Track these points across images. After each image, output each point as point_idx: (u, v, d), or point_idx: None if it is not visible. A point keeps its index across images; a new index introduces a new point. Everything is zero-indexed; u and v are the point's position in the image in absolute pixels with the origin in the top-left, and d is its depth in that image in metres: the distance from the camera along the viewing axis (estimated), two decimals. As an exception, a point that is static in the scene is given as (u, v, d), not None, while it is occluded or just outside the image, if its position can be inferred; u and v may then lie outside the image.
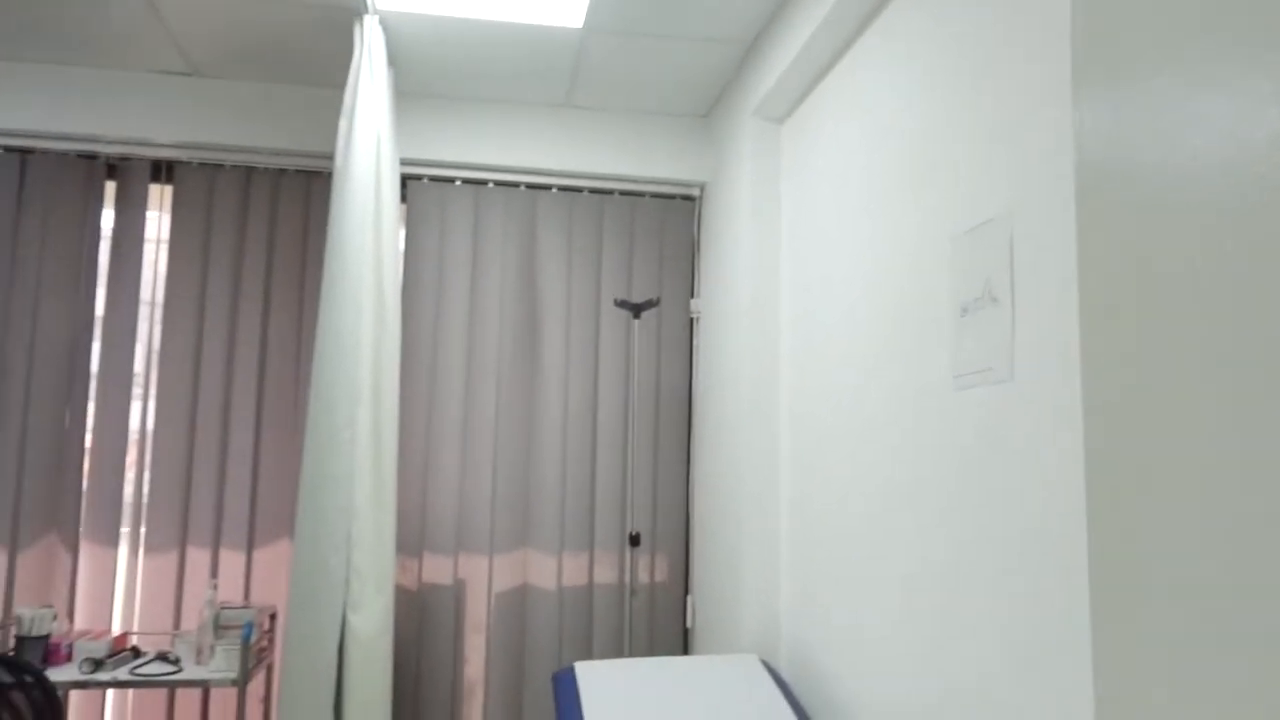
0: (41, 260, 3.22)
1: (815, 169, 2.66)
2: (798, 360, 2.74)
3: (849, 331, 2.36)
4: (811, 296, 2.64)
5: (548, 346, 3.46)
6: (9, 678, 1.95)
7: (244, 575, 3.21)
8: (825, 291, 2.54)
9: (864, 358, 2.26)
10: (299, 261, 3.36)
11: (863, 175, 2.32)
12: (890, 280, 2.14)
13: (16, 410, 3.15)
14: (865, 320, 2.27)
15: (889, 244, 2.16)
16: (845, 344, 2.38)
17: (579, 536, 3.41)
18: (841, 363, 2.40)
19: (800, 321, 2.73)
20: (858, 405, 2.28)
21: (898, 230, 2.11)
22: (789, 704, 2.32)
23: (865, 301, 2.27)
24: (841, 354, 2.40)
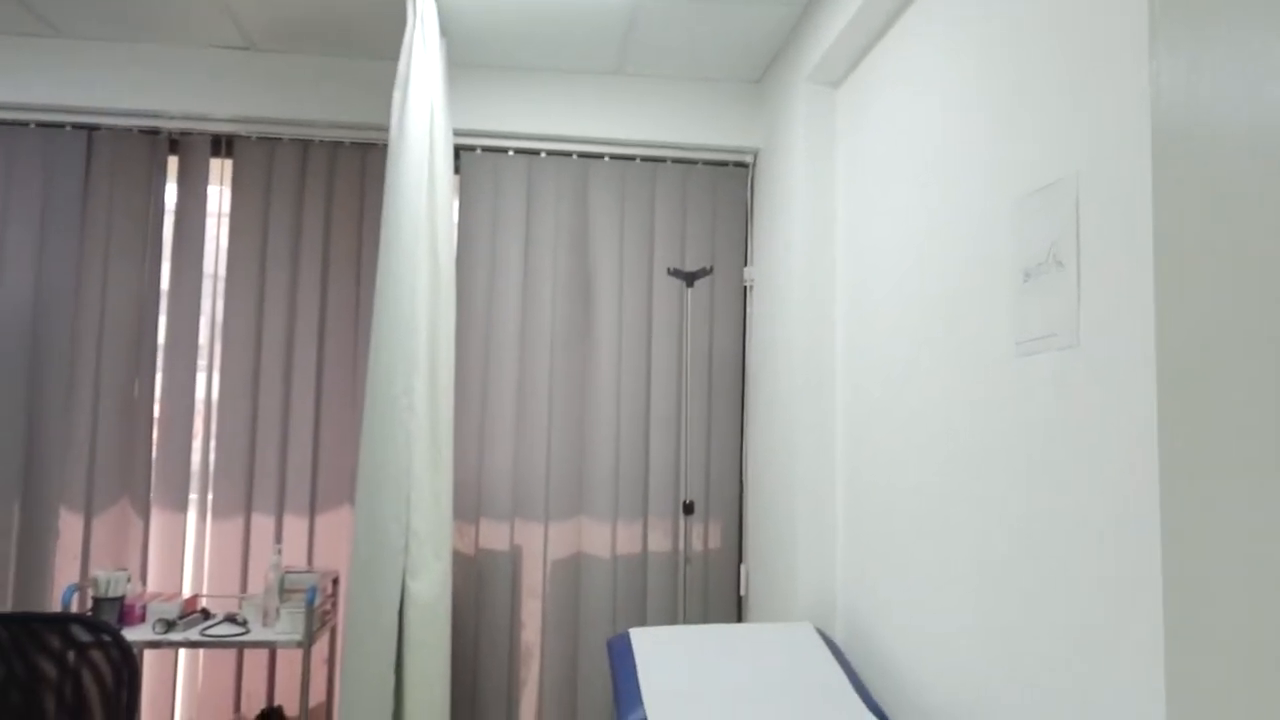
0: (109, 235, 3.30)
1: (871, 133, 2.60)
2: (853, 328, 2.70)
3: (905, 298, 2.32)
4: (867, 263, 2.60)
5: (601, 315, 3.47)
6: (88, 636, 2.03)
7: (307, 540, 3.29)
8: (881, 258, 2.50)
9: (921, 325, 2.22)
10: (355, 233, 3.40)
11: (921, 139, 2.27)
12: (949, 246, 2.10)
13: (89, 381, 3.26)
14: (922, 287, 2.23)
15: (948, 209, 2.11)
16: (901, 311, 2.34)
17: (633, 505, 3.43)
18: (898, 330, 2.36)
19: (855, 289, 2.69)
20: (914, 372, 2.25)
21: (957, 194, 2.06)
22: (845, 672, 2.31)
23: (922, 268, 2.23)
24: (898, 321, 2.37)
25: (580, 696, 3.35)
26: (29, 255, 3.26)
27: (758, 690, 2.22)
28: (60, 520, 3.21)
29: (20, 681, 2.00)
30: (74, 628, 2.04)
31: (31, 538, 3.19)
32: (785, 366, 2.99)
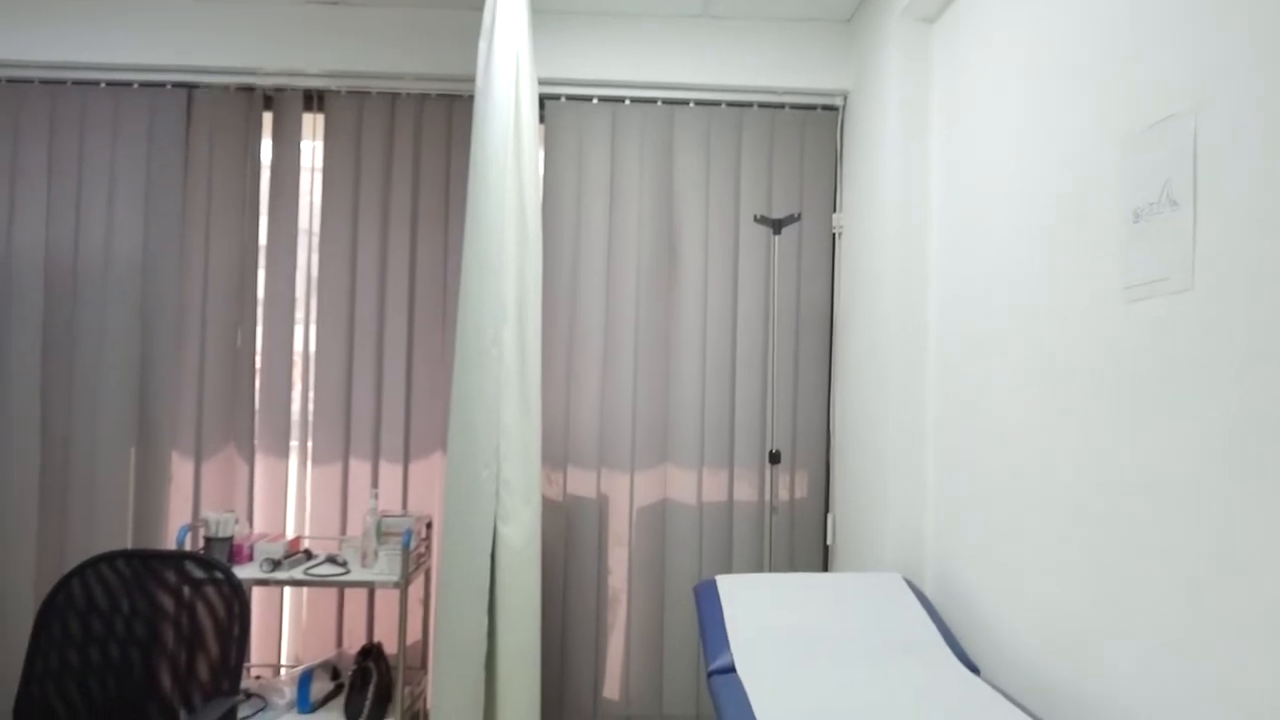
0: (210, 191, 3.42)
1: (969, 71, 2.50)
2: (948, 274, 2.62)
3: (1004, 244, 2.24)
4: (964, 207, 2.51)
5: (686, 264, 3.45)
6: (202, 573, 2.14)
7: (401, 485, 3.40)
8: (979, 202, 2.41)
9: (1021, 270, 2.14)
10: (443, 185, 3.44)
11: (1023, 75, 2.16)
12: (1052, 187, 2.01)
13: (195, 333, 3.40)
14: (1023, 231, 2.14)
15: (1052, 148, 2.01)
16: (1000, 256, 2.26)
17: (719, 453, 3.43)
18: (995, 276, 2.28)
19: (951, 234, 2.61)
20: (1013, 319, 2.18)
21: (1062, 133, 1.97)
22: (934, 623, 2.29)
23: (1024, 211, 2.14)
24: (996, 267, 2.29)
25: (666, 640, 3.40)
26: (138, 213, 3.40)
27: (844, 639, 2.21)
28: (172, 465, 3.38)
29: (143, 614, 2.13)
30: (189, 565, 2.15)
31: (147, 481, 3.38)
32: (876, 314, 2.93)
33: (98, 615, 2.12)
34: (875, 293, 2.94)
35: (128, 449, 3.37)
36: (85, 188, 3.40)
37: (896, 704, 1.84)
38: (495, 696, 2.59)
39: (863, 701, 1.85)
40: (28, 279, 3.37)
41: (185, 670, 2.10)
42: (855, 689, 1.93)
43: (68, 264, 3.39)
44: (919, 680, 1.99)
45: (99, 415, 3.36)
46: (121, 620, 2.12)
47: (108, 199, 3.40)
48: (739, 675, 2.04)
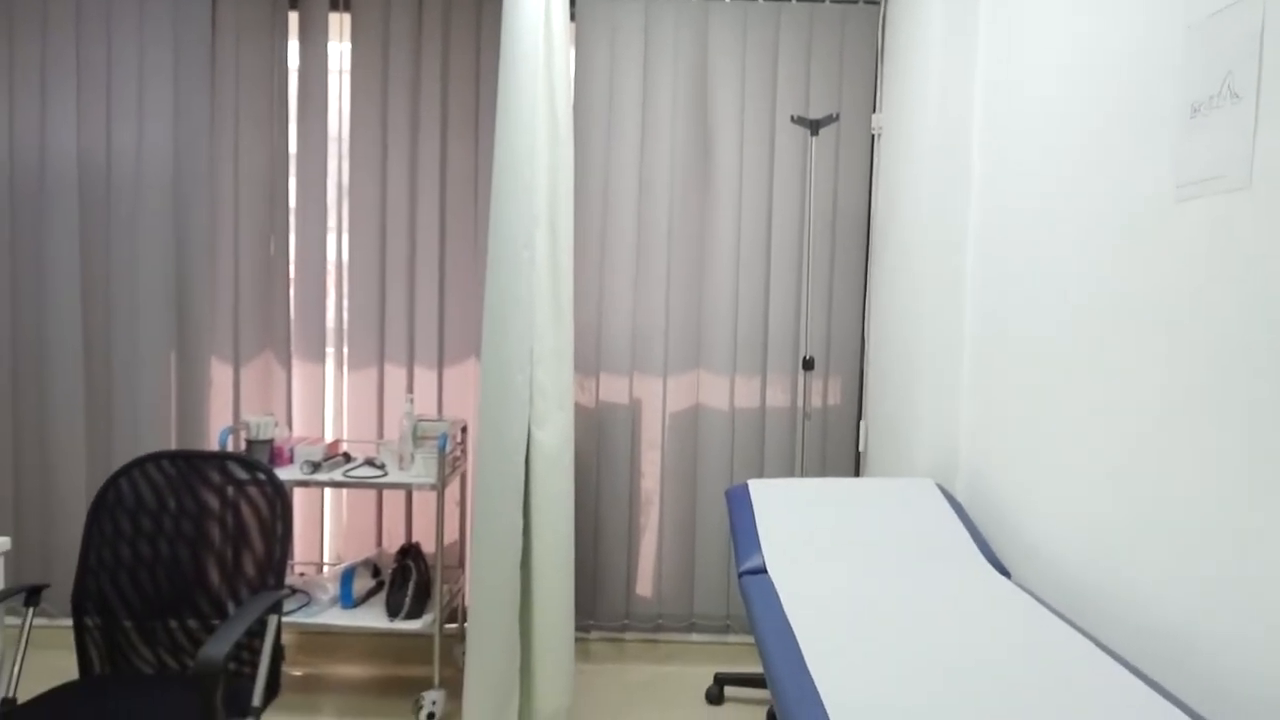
0: (238, 96, 3.38)
1: (1021, -42, 2.37)
2: (990, 174, 2.55)
3: (1050, 142, 2.16)
4: (1009, 106, 2.42)
5: (721, 166, 3.38)
6: (245, 474, 2.19)
7: (436, 391, 3.44)
8: (1025, 100, 2.31)
9: (1066, 170, 2.07)
10: (473, 85, 3.37)
11: (1079, -40, 2.05)
12: (1103, 83, 1.92)
13: (229, 240, 3.41)
14: (1069, 127, 2.06)
15: (1107, 42, 1.92)
16: (1045, 154, 2.18)
17: (751, 359, 3.42)
18: (1039, 176, 2.21)
19: (994, 131, 2.52)
20: (1056, 220, 2.11)
21: (1118, 25, 1.87)
22: (966, 529, 2.30)
23: (1072, 109, 2.06)
24: (1040, 165, 2.21)
25: (697, 543, 3.46)
26: (167, 118, 3.38)
27: (876, 542, 2.23)
28: (212, 370, 3.44)
29: (189, 512, 2.19)
30: (232, 465, 2.20)
31: (188, 385, 3.44)
32: (914, 218, 2.87)
33: (146, 513, 2.18)
34: (914, 196, 2.87)
35: (168, 354, 3.43)
36: (114, 92, 3.37)
37: (927, 605, 1.86)
38: (531, 595, 2.66)
39: (894, 602, 1.87)
40: (62, 186, 3.38)
41: (232, 566, 2.17)
42: (886, 590, 1.95)
43: (101, 171, 3.39)
44: (950, 582, 2.01)
45: (139, 321, 3.41)
46: (169, 518, 2.19)
47: (137, 103, 3.37)
48: (770, 576, 2.07)
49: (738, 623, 3.49)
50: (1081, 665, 1.55)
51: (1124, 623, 1.76)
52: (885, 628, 1.72)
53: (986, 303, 2.54)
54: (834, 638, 1.66)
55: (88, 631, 2.13)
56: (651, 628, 3.49)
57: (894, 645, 1.63)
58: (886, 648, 1.62)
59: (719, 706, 3.07)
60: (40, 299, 3.41)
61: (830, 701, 1.38)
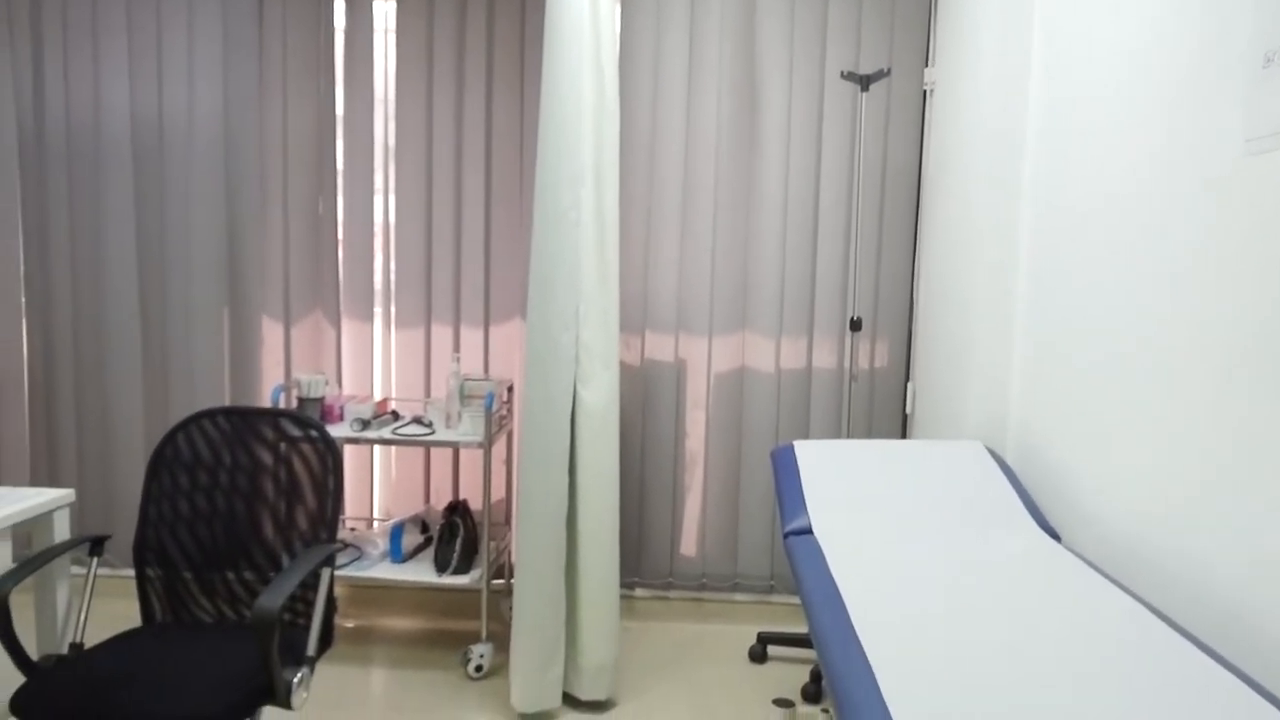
0: (286, 57, 3.39)
1: (1085, -98, 2.27)
2: (1046, 129, 2.47)
3: (1111, 94, 2.08)
4: (1068, 55, 2.34)
5: (768, 123, 3.33)
6: (297, 431, 2.23)
7: (482, 350, 3.46)
8: (1085, 51, 2.23)
9: (1129, 122, 2.00)
10: (518, 44, 3.35)
11: (1147, -97, 1.96)
12: (1169, 33, 1.84)
13: (278, 201, 3.45)
14: (1132, 81, 1.99)
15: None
16: (1105, 109, 2.11)
17: (798, 320, 3.39)
18: (1099, 130, 2.14)
19: (1053, 84, 2.44)
20: (1116, 177, 2.05)
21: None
22: (1015, 491, 2.27)
23: (1136, 61, 1.98)
24: (1100, 120, 2.14)
25: (742, 503, 3.46)
26: (216, 79, 3.40)
27: (923, 503, 2.21)
28: (263, 328, 3.50)
29: (244, 467, 2.24)
30: (285, 422, 2.24)
31: (241, 343, 3.51)
32: (967, 175, 2.80)
33: (203, 467, 2.24)
34: (967, 153, 2.80)
35: (221, 312, 3.49)
36: (165, 53, 3.40)
37: (975, 567, 1.84)
38: (576, 552, 2.69)
39: (941, 563, 1.86)
40: (117, 147, 3.44)
41: (285, 520, 2.22)
42: (934, 551, 1.94)
43: (153, 132, 3.44)
44: (999, 545, 1.99)
45: (192, 281, 3.47)
46: (225, 472, 2.24)
47: (187, 63, 3.40)
48: (816, 537, 2.06)
49: (781, 583, 3.50)
50: (1135, 631, 1.52)
51: (1178, 590, 1.73)
52: (933, 588, 1.71)
53: (1042, 264, 2.48)
54: (881, 598, 1.66)
55: (149, 582, 2.20)
56: (695, 586, 3.52)
57: (942, 606, 1.62)
58: (934, 608, 1.61)
59: (762, 665, 3.09)
60: (98, 259, 3.49)
61: (877, 661, 1.38)
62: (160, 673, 1.85)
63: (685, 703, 2.81)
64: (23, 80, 3.44)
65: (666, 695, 2.86)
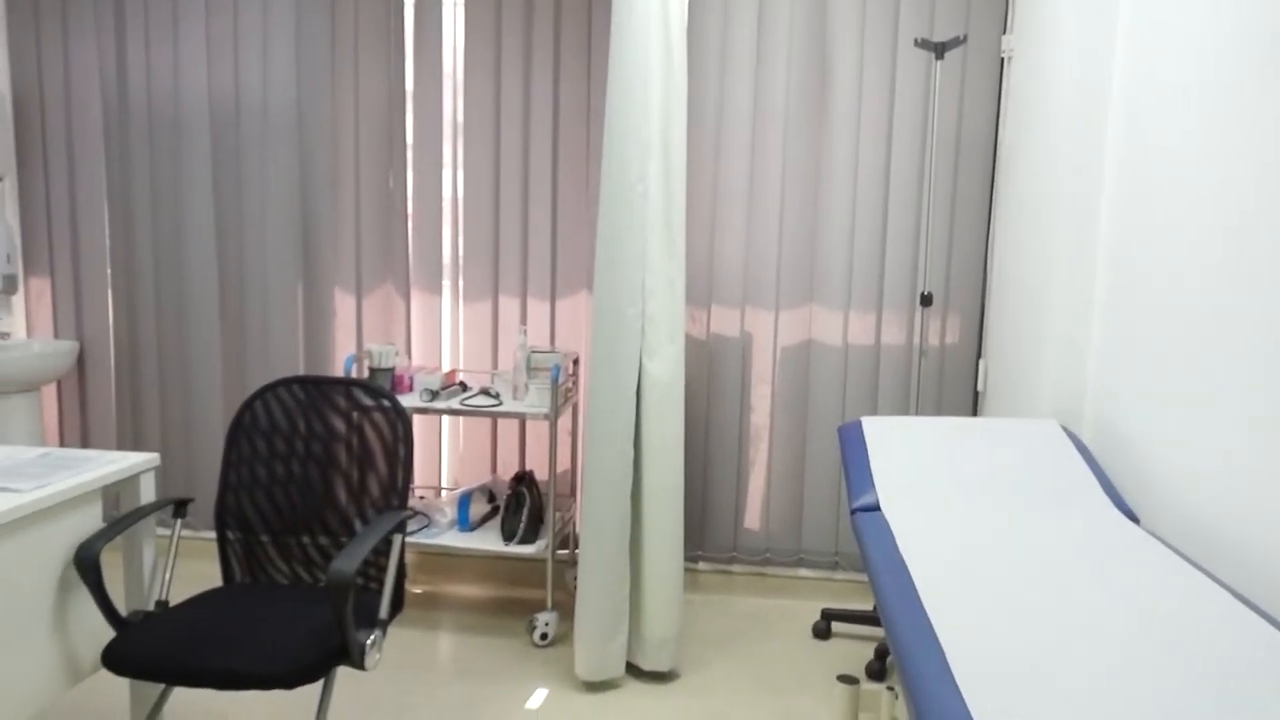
0: (357, 33, 3.43)
1: None
2: (1131, 96, 2.38)
3: (1202, 60, 1.99)
4: (1155, 20, 2.24)
5: (839, 92, 3.26)
6: (369, 400, 2.28)
7: (549, 323, 3.49)
8: (1174, 13, 2.14)
9: (1222, 83, 1.91)
10: (585, 14, 3.33)
11: None
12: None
13: (350, 176, 3.51)
14: (1225, 48, 1.89)
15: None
16: (1196, 75, 2.02)
17: (867, 295, 3.34)
18: (1189, 96, 2.05)
19: (1138, 48, 2.34)
20: (1206, 151, 1.96)
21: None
22: (1092, 472, 2.21)
23: (1226, 21, 1.89)
24: (1190, 85, 2.05)
25: (807, 478, 3.44)
26: (289, 56, 3.46)
27: (995, 482, 2.17)
28: (336, 300, 3.57)
29: (318, 434, 2.30)
30: (357, 391, 2.29)
31: (314, 314, 3.59)
32: (1046, 145, 2.71)
33: (279, 435, 2.30)
34: (1046, 123, 2.71)
35: (295, 285, 3.57)
36: (240, 30, 3.47)
37: (1049, 547, 1.80)
38: (641, 523, 2.70)
39: (1014, 543, 1.82)
40: (195, 123, 3.53)
41: (358, 486, 2.27)
42: (1006, 531, 1.90)
43: (229, 109, 3.52)
44: (1073, 525, 1.94)
45: (268, 254, 3.56)
46: (300, 440, 2.30)
47: (262, 41, 3.47)
48: (884, 514, 2.04)
49: (846, 559, 3.47)
50: (1217, 616, 1.48)
51: (1261, 576, 1.67)
52: (1004, 568, 1.68)
53: (1123, 238, 2.40)
54: (950, 576, 1.63)
55: (229, 544, 2.27)
56: (759, 561, 3.51)
57: (1014, 586, 1.59)
58: (1005, 588, 1.58)
59: (826, 641, 3.08)
60: (178, 234, 3.60)
61: (947, 639, 1.36)
62: (241, 631, 1.92)
63: (748, 677, 2.82)
64: (107, 62, 3.55)
65: (729, 669, 2.87)
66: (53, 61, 3.58)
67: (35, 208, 3.67)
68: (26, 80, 3.61)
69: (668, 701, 2.66)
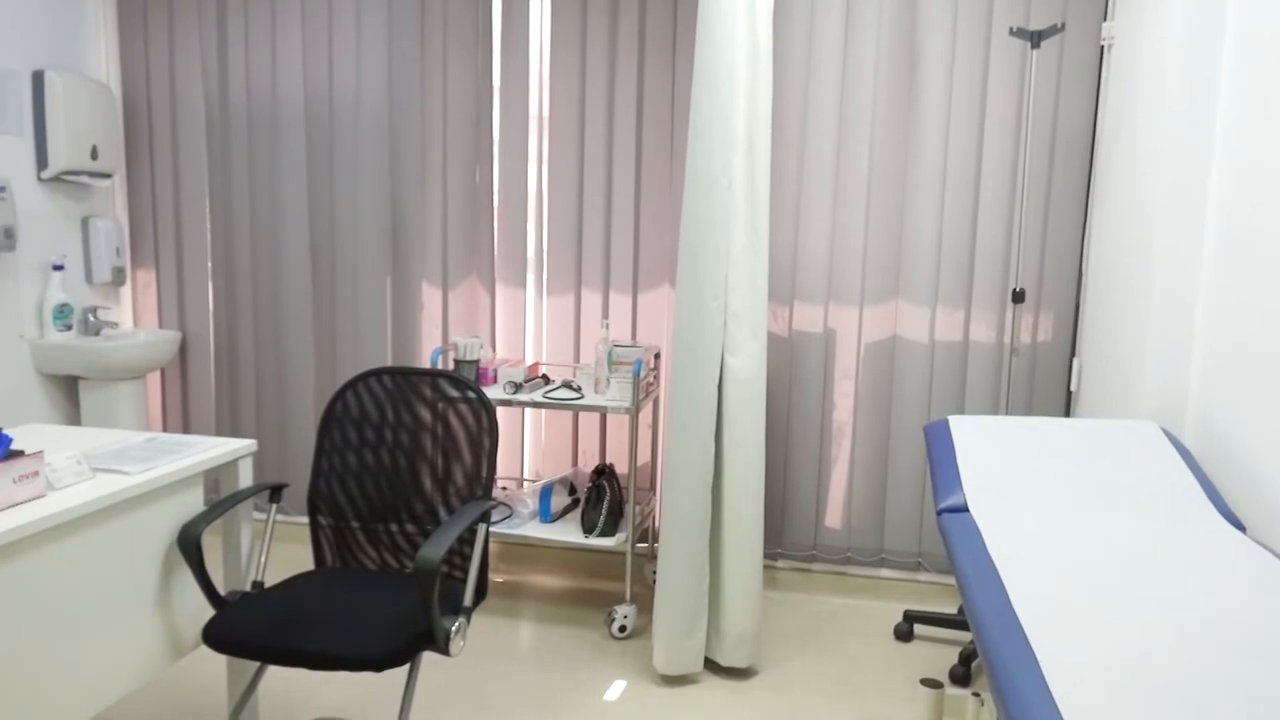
0: (446, 31, 3.50)
1: None
2: (1241, 86, 2.26)
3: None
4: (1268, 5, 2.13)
5: (928, 83, 3.19)
6: (455, 392, 2.32)
7: (630, 317, 3.50)
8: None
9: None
10: (670, 8, 3.33)
11: None
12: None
13: (438, 171, 3.58)
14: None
15: None
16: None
17: (955, 291, 3.26)
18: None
19: (1247, 34, 2.23)
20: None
21: None
22: (1194, 476, 2.12)
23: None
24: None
25: (890, 477, 3.38)
26: (381, 55, 3.55)
27: (1091, 485, 2.10)
28: (423, 293, 3.65)
29: (406, 425, 2.35)
30: (443, 382, 2.33)
31: (402, 307, 3.67)
32: (1149, 137, 2.60)
33: (369, 424, 2.36)
34: (1149, 112, 2.60)
35: (384, 278, 3.66)
36: (335, 30, 3.57)
37: (1148, 553, 1.73)
38: (721, 519, 2.70)
39: (1110, 548, 1.76)
40: (291, 121, 3.65)
41: (443, 476, 2.32)
42: (1101, 535, 1.84)
43: (324, 107, 3.62)
44: (1174, 532, 1.86)
45: (358, 248, 3.66)
46: (389, 429, 2.36)
47: (355, 40, 3.56)
48: (972, 515, 1.99)
49: (930, 561, 3.40)
50: (1333, 631, 1.40)
51: (1386, 588, 1.57)
52: (1100, 574, 1.62)
53: (1232, 232, 2.29)
54: (1042, 581, 1.58)
55: (321, 529, 2.34)
56: (840, 560, 3.47)
57: (1110, 592, 1.53)
58: (1101, 594, 1.52)
59: (907, 644, 3.03)
60: (274, 228, 3.72)
61: (1040, 646, 1.32)
62: (332, 614, 1.98)
63: (828, 676, 2.79)
64: (210, 62, 3.69)
65: (809, 668, 2.84)
66: (159, 63, 3.74)
67: (142, 203, 3.84)
68: (135, 82, 3.78)
69: (746, 698, 2.65)
